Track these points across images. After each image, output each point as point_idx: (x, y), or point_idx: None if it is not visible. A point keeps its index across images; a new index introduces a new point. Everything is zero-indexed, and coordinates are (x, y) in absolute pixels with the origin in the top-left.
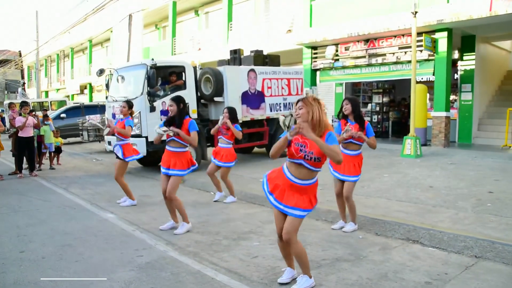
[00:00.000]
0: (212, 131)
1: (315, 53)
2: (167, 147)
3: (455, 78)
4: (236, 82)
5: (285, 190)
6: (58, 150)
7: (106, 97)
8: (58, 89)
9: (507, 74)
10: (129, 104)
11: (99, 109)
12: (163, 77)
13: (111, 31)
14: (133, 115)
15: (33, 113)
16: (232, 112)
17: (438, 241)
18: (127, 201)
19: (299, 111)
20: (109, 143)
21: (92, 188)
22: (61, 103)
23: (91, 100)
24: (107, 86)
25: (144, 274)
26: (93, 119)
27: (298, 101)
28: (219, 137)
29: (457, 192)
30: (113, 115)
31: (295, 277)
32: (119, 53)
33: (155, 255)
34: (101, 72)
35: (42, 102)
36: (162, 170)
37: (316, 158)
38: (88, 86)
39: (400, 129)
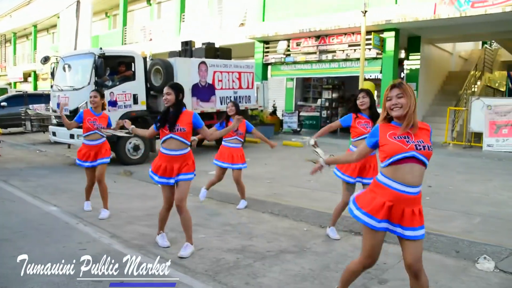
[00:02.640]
0: (223, 134)
1: (267, 48)
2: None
3: (401, 76)
4: (186, 74)
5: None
6: None
7: (51, 86)
8: None
9: (448, 75)
10: (100, 93)
11: (44, 98)
12: (112, 67)
13: (58, 17)
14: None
15: None
16: (238, 106)
17: None
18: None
19: (397, 100)
20: (54, 133)
21: (34, 180)
22: (2, 90)
23: (35, 88)
24: (53, 74)
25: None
26: (38, 108)
27: (394, 86)
28: (231, 137)
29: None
30: (58, 105)
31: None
32: (66, 41)
33: (99, 248)
34: (46, 59)
35: None
36: (162, 181)
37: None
38: (32, 74)
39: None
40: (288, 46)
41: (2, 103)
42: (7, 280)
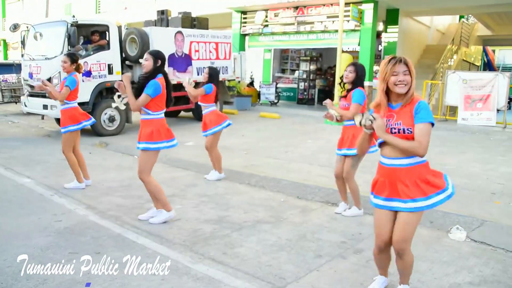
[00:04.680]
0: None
1: (244, 18)
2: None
3: (379, 49)
4: (162, 43)
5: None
6: None
7: (22, 55)
8: None
9: (426, 48)
10: (71, 57)
11: (15, 68)
12: (86, 36)
13: None
14: (81, 70)
15: None
16: (211, 75)
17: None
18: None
19: (404, 77)
20: (25, 104)
21: (7, 152)
22: None
23: (5, 58)
24: (23, 43)
25: (63, 239)
26: (8, 78)
27: (400, 61)
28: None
29: (375, 158)
30: (30, 75)
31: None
32: (37, 8)
33: (74, 220)
34: (15, 27)
35: None
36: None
37: (407, 129)
38: (2, 43)
39: (326, 97)
40: (266, 16)
41: None
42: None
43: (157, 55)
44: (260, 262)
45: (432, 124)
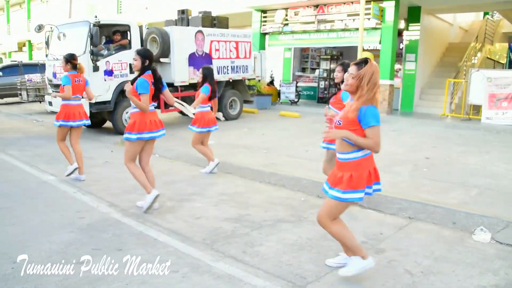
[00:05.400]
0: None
1: (264, 17)
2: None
3: (400, 47)
4: (183, 43)
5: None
6: None
7: (46, 55)
8: None
9: (448, 46)
10: (65, 58)
11: (39, 67)
12: (107, 36)
13: None
14: (82, 70)
15: None
16: (205, 74)
17: (375, 204)
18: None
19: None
20: (50, 103)
21: (31, 150)
22: None
23: (30, 58)
24: (47, 43)
25: (85, 236)
26: (33, 78)
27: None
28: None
29: (397, 158)
30: (54, 74)
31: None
32: (60, 9)
33: (97, 217)
34: (40, 27)
35: None
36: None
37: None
38: (27, 44)
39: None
40: (286, 15)
41: None
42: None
43: (145, 55)
44: (281, 261)
45: None
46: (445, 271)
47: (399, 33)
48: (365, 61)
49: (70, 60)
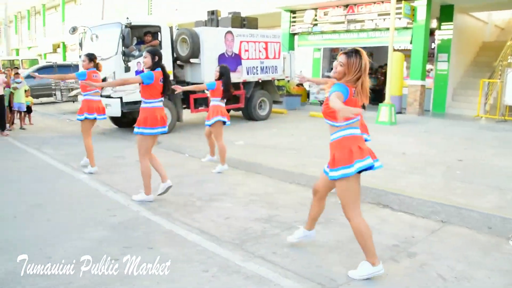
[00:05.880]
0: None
1: (293, 17)
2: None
3: (432, 47)
4: (213, 43)
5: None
6: (28, 110)
7: (80, 56)
8: (30, 47)
9: (482, 45)
10: (89, 56)
11: (73, 68)
12: (139, 37)
13: None
14: (100, 69)
15: (3, 71)
16: (221, 72)
17: (407, 206)
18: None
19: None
20: None
21: (65, 149)
22: (33, 61)
23: (64, 59)
24: (81, 44)
25: (116, 234)
26: None
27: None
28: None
29: (428, 159)
30: None
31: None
32: (93, 11)
33: (127, 215)
34: (74, 29)
35: (13, 60)
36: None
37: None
38: (61, 45)
39: (376, 96)
40: (315, 15)
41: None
42: (44, 242)
43: (154, 53)
44: (310, 263)
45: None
46: (479, 277)
47: (431, 33)
48: (355, 51)
49: (94, 58)
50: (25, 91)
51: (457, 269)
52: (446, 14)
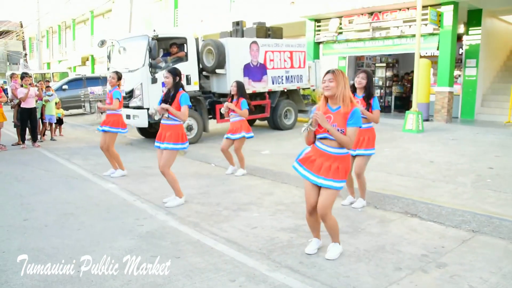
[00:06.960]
0: (223, 111)
1: (318, 26)
2: (161, 121)
3: (460, 53)
4: (238, 54)
5: (322, 164)
6: (59, 122)
7: (108, 69)
8: (60, 61)
9: None
10: (118, 75)
11: (101, 80)
12: (165, 49)
13: (113, 2)
14: (120, 86)
15: (35, 84)
16: (240, 87)
17: (436, 215)
18: (116, 172)
19: (328, 84)
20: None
21: (93, 159)
22: (63, 74)
23: (93, 72)
24: (109, 57)
25: (145, 243)
26: (95, 90)
27: (327, 72)
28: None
29: (457, 168)
30: None
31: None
32: (121, 25)
33: (155, 225)
34: (102, 43)
35: (44, 74)
36: (155, 144)
37: (340, 130)
38: (90, 58)
39: (403, 104)
40: (340, 24)
41: (64, 86)
42: (74, 251)
43: (175, 73)
44: (338, 273)
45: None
46: None
47: (459, 38)
48: (336, 70)
49: (121, 77)
50: (56, 103)
51: (491, 281)
52: (474, 18)
